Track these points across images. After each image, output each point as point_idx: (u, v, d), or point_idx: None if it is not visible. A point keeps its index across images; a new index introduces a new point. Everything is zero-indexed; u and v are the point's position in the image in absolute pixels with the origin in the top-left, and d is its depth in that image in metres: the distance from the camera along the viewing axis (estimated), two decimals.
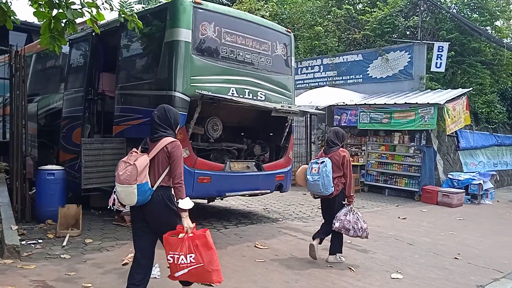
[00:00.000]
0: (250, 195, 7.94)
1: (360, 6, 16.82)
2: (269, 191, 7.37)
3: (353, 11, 15.69)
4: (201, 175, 6.27)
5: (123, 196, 3.35)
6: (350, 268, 5.17)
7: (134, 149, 3.44)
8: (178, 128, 3.74)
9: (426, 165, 11.05)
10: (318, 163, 5.22)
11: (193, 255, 3.32)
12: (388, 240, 6.64)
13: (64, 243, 5.46)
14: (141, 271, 3.47)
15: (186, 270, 3.34)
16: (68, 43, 6.93)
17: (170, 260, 3.37)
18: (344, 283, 4.67)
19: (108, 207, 3.62)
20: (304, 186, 5.51)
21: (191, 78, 6.18)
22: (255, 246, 5.85)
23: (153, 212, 3.40)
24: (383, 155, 11.88)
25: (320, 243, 5.44)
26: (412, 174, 11.27)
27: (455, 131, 12.25)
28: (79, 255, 5.09)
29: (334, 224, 5.20)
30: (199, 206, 8.74)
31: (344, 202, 5.27)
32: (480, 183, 11.24)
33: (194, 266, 3.33)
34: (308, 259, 5.38)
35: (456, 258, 5.95)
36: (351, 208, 5.27)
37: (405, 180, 11.44)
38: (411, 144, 11.42)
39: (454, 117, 11.25)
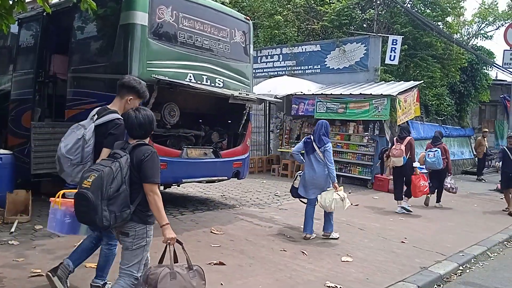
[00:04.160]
0: (207, 182, 7.97)
1: None
2: (226, 178, 7.43)
3: (312, 2, 15.86)
4: None
5: (397, 162, 8.02)
6: (303, 252, 5.33)
7: (397, 142, 8.11)
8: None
9: (378, 154, 11.43)
10: (433, 151, 9.01)
11: (428, 182, 8.61)
12: (340, 226, 6.85)
13: (13, 229, 5.28)
14: (399, 189, 8.44)
15: (427, 187, 8.49)
16: (17, 22, 6.62)
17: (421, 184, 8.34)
18: (296, 266, 4.82)
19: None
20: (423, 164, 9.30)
21: (147, 62, 6.09)
22: (211, 232, 5.90)
23: (408, 168, 8.08)
24: (338, 144, 12.16)
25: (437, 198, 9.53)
26: (366, 163, 11.68)
27: (407, 122, 12.74)
28: (28, 241, 4.95)
29: (446, 186, 9.35)
30: None
31: (448, 174, 9.40)
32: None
33: (429, 186, 8.55)
34: (262, 243, 5.50)
35: (403, 242, 6.24)
36: (451, 176, 9.56)
37: (358, 168, 11.82)
38: (365, 133, 11.80)
39: (405, 108, 11.70)
